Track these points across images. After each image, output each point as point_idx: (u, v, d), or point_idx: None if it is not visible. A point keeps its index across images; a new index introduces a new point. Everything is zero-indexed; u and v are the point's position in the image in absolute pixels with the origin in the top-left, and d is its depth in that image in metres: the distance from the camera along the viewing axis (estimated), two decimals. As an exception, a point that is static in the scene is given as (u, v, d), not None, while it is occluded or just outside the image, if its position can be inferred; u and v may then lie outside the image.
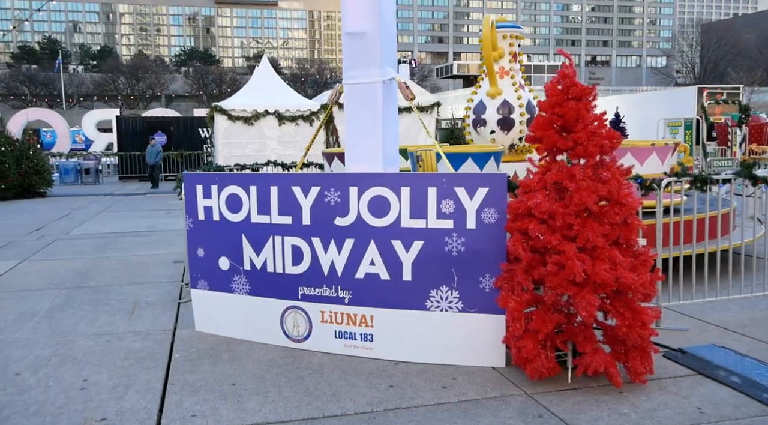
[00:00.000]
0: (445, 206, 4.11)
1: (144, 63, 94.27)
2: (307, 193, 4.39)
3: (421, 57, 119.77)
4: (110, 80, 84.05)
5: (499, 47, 8.47)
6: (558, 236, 3.66)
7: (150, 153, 20.81)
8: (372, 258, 4.26)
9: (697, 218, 5.55)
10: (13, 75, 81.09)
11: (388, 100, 4.53)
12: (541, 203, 3.69)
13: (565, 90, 3.80)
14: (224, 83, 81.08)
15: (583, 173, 3.68)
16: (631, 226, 3.78)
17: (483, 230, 4.06)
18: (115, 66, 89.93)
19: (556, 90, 3.82)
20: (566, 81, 3.81)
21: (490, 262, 4.04)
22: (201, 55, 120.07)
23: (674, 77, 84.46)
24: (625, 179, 3.86)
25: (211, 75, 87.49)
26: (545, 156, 3.96)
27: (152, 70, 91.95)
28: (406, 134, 17.70)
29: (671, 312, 5.29)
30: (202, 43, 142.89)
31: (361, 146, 4.53)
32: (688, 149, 9.20)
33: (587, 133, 3.71)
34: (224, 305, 4.77)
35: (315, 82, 78.00)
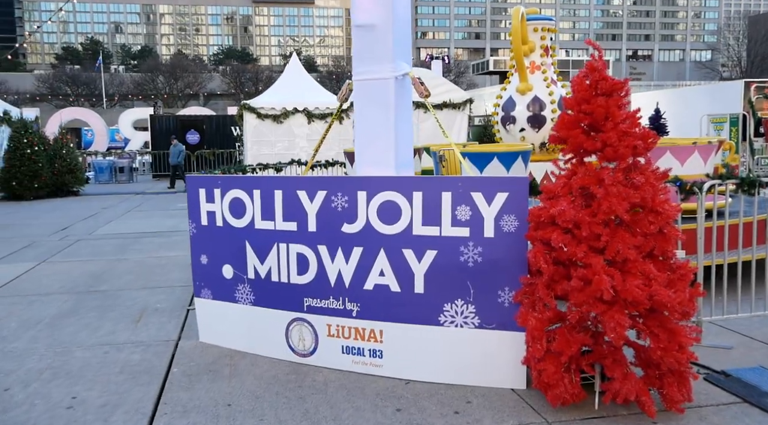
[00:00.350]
0: (461, 212, 3.76)
1: (182, 62, 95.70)
2: (313, 197, 4.09)
3: (458, 53, 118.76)
4: (149, 80, 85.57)
5: (529, 41, 8.05)
6: (584, 247, 3.28)
7: (172, 153, 20.82)
8: (381, 268, 3.94)
9: (744, 221, 5.07)
10: (57, 75, 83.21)
11: (401, 98, 4.19)
12: (565, 210, 3.32)
13: (593, 85, 3.41)
14: (260, 82, 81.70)
15: (613, 178, 3.29)
16: (668, 236, 3.37)
17: (502, 239, 3.70)
18: (154, 65, 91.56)
19: (584, 85, 3.43)
20: (594, 75, 3.41)
21: (509, 274, 3.68)
22: (238, 54, 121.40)
23: (719, 71, 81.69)
24: (662, 183, 3.45)
25: (248, 73, 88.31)
26: (571, 158, 3.58)
27: (190, 69, 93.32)
28: (437, 132, 17.30)
29: (713, 327, 4.83)
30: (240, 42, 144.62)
31: (372, 147, 4.20)
32: (733, 147, 8.62)
33: (618, 133, 3.31)
34: (228, 315, 4.51)
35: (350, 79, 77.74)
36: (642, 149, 3.38)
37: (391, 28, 4.07)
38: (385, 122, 4.15)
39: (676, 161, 6.31)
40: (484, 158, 6.25)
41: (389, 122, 4.14)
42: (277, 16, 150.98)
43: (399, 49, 4.16)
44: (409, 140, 4.37)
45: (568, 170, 3.57)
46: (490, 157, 6.23)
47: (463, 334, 3.79)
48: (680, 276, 3.38)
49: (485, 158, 6.25)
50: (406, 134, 4.31)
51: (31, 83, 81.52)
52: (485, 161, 6.24)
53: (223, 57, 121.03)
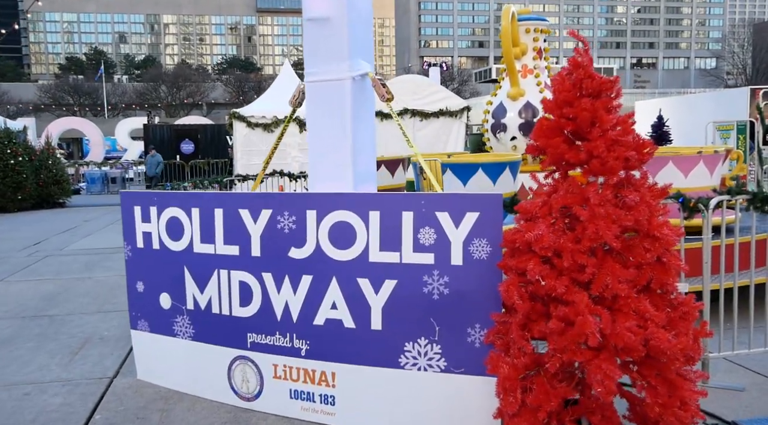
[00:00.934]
0: (424, 235, 3.20)
1: (184, 72, 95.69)
2: (257, 217, 3.54)
3: (462, 62, 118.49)
4: (152, 89, 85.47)
5: (521, 43, 7.51)
6: (565, 280, 2.70)
7: (149, 164, 20.22)
8: (334, 300, 3.38)
9: (757, 239, 4.50)
10: (59, 85, 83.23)
11: (360, 102, 3.64)
12: (543, 235, 2.75)
13: (577, 84, 2.85)
14: (263, 90, 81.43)
15: (601, 196, 2.72)
16: (668, 266, 2.79)
17: (472, 267, 3.13)
18: (157, 75, 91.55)
19: (566, 84, 2.87)
20: (579, 72, 2.86)
21: (481, 309, 3.11)
22: (242, 64, 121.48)
23: (724, 79, 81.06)
24: (660, 201, 2.88)
25: (250, 82, 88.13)
26: (552, 172, 3.01)
27: (193, 78, 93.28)
28: (435, 141, 16.81)
29: (722, 362, 4.24)
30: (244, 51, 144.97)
31: (327, 160, 3.65)
32: (741, 156, 8.04)
33: (606, 141, 2.75)
34: (166, 351, 3.95)
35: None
36: (636, 161, 2.81)
37: (347, 22, 3.53)
38: (341, 130, 3.59)
39: (680, 172, 5.75)
40: (468, 170, 5.70)
41: (345, 130, 3.59)
42: (280, 25, 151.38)
43: (357, 46, 3.61)
44: (370, 150, 3.81)
45: (549, 185, 3.01)
46: (474, 168, 5.68)
47: (428, 379, 3.21)
48: (682, 315, 2.81)
49: (469, 170, 5.69)
50: (367, 143, 3.76)
51: (33, 93, 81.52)
52: (469, 172, 5.69)
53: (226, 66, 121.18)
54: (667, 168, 5.71)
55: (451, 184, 5.76)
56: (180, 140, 25.30)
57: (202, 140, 25.79)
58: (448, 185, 5.84)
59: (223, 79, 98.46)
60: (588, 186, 2.78)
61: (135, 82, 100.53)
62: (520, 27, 7.41)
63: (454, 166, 5.72)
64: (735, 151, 7.94)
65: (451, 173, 5.70)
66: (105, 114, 72.91)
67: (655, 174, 5.80)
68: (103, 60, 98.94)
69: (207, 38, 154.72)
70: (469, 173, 5.65)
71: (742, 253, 4.47)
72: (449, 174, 5.73)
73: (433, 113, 17.11)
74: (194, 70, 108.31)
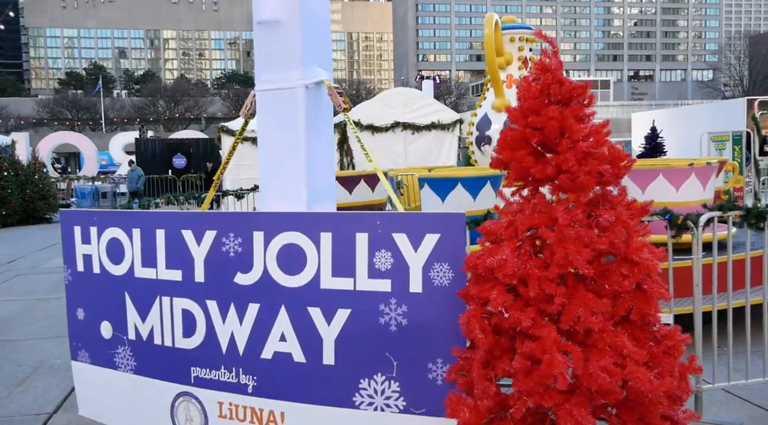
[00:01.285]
0: (381, 259, 2.87)
1: (182, 86, 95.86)
2: (201, 239, 3.21)
3: (459, 75, 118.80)
4: (150, 104, 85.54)
5: (505, 52, 7.23)
6: (532, 312, 2.37)
7: (130, 178, 19.85)
8: (282, 331, 3.04)
9: (752, 256, 4.18)
10: (57, 100, 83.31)
11: (314, 112, 3.33)
12: (507, 260, 2.42)
13: (544, 90, 2.53)
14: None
15: (570, 216, 2.39)
16: (649, 294, 2.46)
17: (432, 295, 2.80)
18: (155, 90, 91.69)
19: (532, 90, 2.56)
20: (546, 77, 2.55)
21: (442, 342, 2.78)
22: (241, 78, 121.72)
23: (721, 91, 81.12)
24: (640, 220, 2.56)
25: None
26: (520, 189, 2.70)
27: (191, 93, 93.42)
28: (427, 154, 16.55)
29: (718, 394, 3.90)
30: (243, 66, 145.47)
31: (278, 177, 3.33)
32: (737, 168, 7.73)
33: (577, 154, 2.43)
34: (108, 385, 3.61)
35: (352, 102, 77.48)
36: (611, 176, 2.49)
37: (300, 25, 3.23)
38: (294, 143, 3.28)
39: (670, 185, 5.43)
40: (446, 185, 5.38)
41: (299, 143, 3.27)
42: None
43: (311, 52, 3.31)
44: (328, 165, 3.49)
45: (516, 203, 2.69)
46: (453, 183, 5.37)
47: (385, 420, 2.87)
48: (667, 349, 2.48)
49: (447, 185, 5.38)
50: (324, 158, 3.44)
51: (32, 108, 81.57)
52: (447, 187, 5.37)
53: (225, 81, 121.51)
54: (657, 182, 5.40)
55: (428, 200, 5.45)
56: (172, 154, 25.07)
57: (194, 154, 25.57)
58: (425, 201, 5.53)
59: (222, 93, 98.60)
60: (557, 204, 2.46)
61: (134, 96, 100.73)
62: (504, 36, 7.13)
63: (432, 181, 5.41)
64: (730, 163, 7.65)
65: (428, 188, 5.39)
66: (103, 129, 72.84)
67: (645, 188, 5.49)
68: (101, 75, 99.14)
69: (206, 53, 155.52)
70: (448, 188, 5.33)
71: (737, 271, 4.16)
72: (427, 189, 5.42)
73: (425, 126, 16.86)
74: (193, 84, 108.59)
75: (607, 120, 2.58)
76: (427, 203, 5.47)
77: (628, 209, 2.56)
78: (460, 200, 5.26)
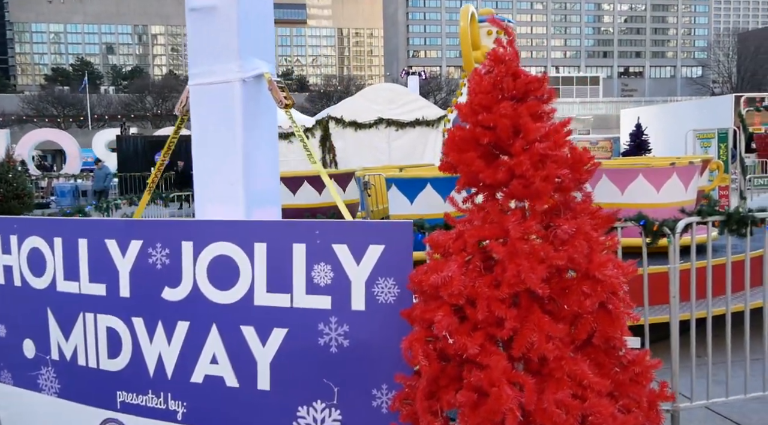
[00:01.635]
0: (320, 273, 2.57)
1: (171, 82, 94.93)
2: (126, 250, 2.90)
3: (450, 71, 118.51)
4: (138, 100, 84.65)
5: (482, 46, 6.93)
6: (480, 337, 2.08)
7: (97, 177, 19.24)
8: (214, 353, 2.74)
9: (734, 260, 3.91)
10: (43, 96, 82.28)
11: (253, 108, 3.02)
12: (452, 277, 2.13)
13: (496, 84, 2.24)
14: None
15: (524, 227, 2.10)
16: (614, 315, 2.18)
17: (376, 313, 2.51)
18: (143, 86, 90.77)
19: (483, 84, 2.27)
20: (499, 68, 2.25)
21: (387, 366, 2.48)
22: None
23: (710, 87, 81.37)
24: (604, 231, 2.28)
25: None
26: (470, 196, 2.40)
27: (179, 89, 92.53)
28: (411, 151, 16.27)
29: (698, 411, 3.64)
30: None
31: (214, 179, 3.02)
32: (722, 166, 7.49)
33: (533, 156, 2.14)
34: (31, 408, 3.29)
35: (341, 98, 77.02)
36: (571, 182, 2.20)
37: (237, 11, 2.91)
38: (231, 142, 2.97)
39: (651, 186, 5.16)
40: (415, 185, 5.09)
41: (235, 142, 2.96)
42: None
43: (251, 42, 3.00)
44: (271, 166, 3.18)
45: (469, 211, 2.40)
46: (422, 184, 5.07)
47: (325, 453, 2.57)
48: (634, 377, 2.19)
49: (416, 185, 5.08)
50: (266, 158, 3.13)
51: (17, 104, 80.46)
52: (416, 188, 5.07)
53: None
54: (637, 182, 5.13)
55: (396, 202, 5.16)
56: (154, 151, 24.55)
57: (177, 152, 25.11)
58: (393, 202, 5.23)
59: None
60: (511, 213, 2.17)
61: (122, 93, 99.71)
62: (481, 29, 6.83)
63: (400, 181, 5.11)
64: (714, 161, 7.40)
65: (396, 188, 5.09)
66: (89, 125, 71.95)
67: (624, 189, 5.22)
68: (87, 71, 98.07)
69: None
70: (417, 189, 5.04)
71: (717, 277, 3.90)
72: (394, 190, 5.12)
73: (409, 123, 16.56)
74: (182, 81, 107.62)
75: (568, 118, 2.29)
76: (394, 204, 5.17)
77: (593, 218, 2.27)
78: (430, 202, 4.97)
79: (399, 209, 5.12)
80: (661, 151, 13.98)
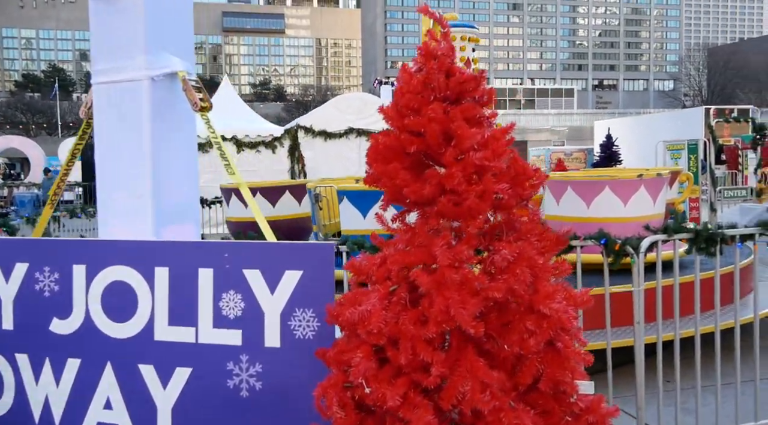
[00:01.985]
0: (229, 303, 2.21)
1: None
2: (9, 274, 2.50)
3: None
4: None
5: (445, 52, 6.64)
6: (403, 385, 1.73)
7: (44, 188, 18.46)
8: (108, 396, 2.34)
9: (703, 278, 3.63)
10: (11, 103, 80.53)
11: (166, 110, 2.65)
12: (372, 312, 1.78)
13: (427, 83, 1.91)
14: (225, 110, 79.87)
15: (454, 253, 1.76)
16: (564, 355, 1.84)
17: (293, 351, 2.15)
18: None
19: (413, 83, 1.93)
20: (431, 65, 1.92)
21: (306, 412, 2.11)
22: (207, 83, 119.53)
23: (682, 100, 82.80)
24: (553, 256, 1.95)
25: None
26: (400, 214, 2.06)
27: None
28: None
29: (666, 446, 3.33)
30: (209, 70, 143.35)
31: (119, 190, 2.64)
32: (691, 178, 7.28)
33: (467, 168, 1.81)
34: None
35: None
36: (512, 198, 1.87)
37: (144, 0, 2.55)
38: (138, 149, 2.59)
39: (618, 199, 4.89)
40: (368, 198, 4.74)
41: (143, 149, 2.59)
42: (247, 45, 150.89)
43: (162, 35, 2.63)
44: (187, 177, 2.81)
45: (399, 231, 2.05)
46: (376, 196, 4.70)
47: None
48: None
49: (369, 198, 4.73)
50: (182, 168, 2.76)
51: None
52: (369, 201, 4.73)
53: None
54: (604, 195, 4.85)
55: (348, 215, 4.81)
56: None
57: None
58: (344, 216, 4.88)
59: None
60: (441, 235, 1.83)
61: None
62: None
63: (352, 194, 4.76)
64: (684, 173, 7.20)
65: (348, 201, 4.74)
66: (59, 133, 70.47)
67: (590, 202, 4.94)
68: (59, 77, 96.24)
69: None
70: (370, 202, 4.69)
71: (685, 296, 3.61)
72: (346, 203, 4.77)
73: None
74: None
75: (510, 124, 1.96)
76: (346, 219, 4.82)
77: (541, 240, 1.94)
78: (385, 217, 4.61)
79: (351, 223, 4.77)
80: (632, 162, 13.87)
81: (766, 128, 10.34)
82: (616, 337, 3.93)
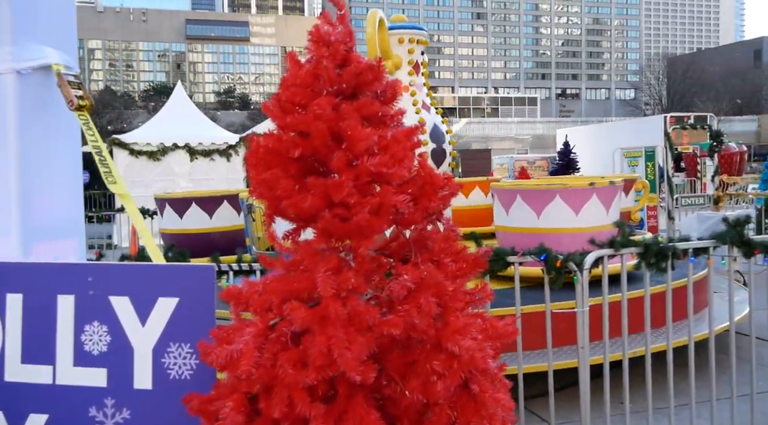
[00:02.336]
0: (93, 337, 1.85)
1: (107, 98, 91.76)
2: None
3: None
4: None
5: (393, 55, 6.35)
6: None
7: None
8: (-51, 450, 1.96)
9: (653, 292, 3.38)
10: (-35, 110, 77.97)
11: (37, 109, 2.28)
12: (244, 353, 1.44)
13: (317, 73, 1.58)
14: (189, 117, 78.70)
15: (341, 280, 1.44)
16: (481, 402, 1.53)
17: (167, 393, 1.80)
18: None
19: (300, 74, 1.61)
20: (322, 53, 1.60)
21: (183, 468, 1.77)
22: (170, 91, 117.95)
23: (642, 109, 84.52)
24: (467, 281, 1.64)
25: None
26: (292, 231, 1.74)
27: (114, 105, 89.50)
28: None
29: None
30: (172, 78, 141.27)
31: (-20, 203, 2.26)
32: (647, 186, 7.13)
33: (359, 176, 1.49)
34: None
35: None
36: (417, 212, 1.56)
37: (8, -17, 2.18)
38: (2, 154, 2.21)
39: (569, 208, 4.64)
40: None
41: (8, 153, 2.21)
42: (211, 53, 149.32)
43: (34, 22, 2.26)
44: (68, 187, 2.44)
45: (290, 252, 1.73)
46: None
47: None
48: (508, 489, 1.55)
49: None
50: (60, 177, 2.39)
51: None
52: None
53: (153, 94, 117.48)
54: (554, 204, 4.61)
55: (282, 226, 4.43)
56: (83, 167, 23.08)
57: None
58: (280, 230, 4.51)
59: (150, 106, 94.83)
60: (326, 258, 1.50)
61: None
62: (392, 36, 6.25)
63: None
64: (640, 181, 7.05)
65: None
66: (14, 141, 68.35)
67: (540, 212, 4.68)
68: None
69: (135, 65, 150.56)
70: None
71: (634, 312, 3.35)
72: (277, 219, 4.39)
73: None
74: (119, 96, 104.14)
75: (417, 124, 1.65)
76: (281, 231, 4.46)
77: (455, 262, 1.63)
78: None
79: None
80: (593, 170, 13.82)
81: (722, 136, 10.34)
82: (559, 358, 3.67)
